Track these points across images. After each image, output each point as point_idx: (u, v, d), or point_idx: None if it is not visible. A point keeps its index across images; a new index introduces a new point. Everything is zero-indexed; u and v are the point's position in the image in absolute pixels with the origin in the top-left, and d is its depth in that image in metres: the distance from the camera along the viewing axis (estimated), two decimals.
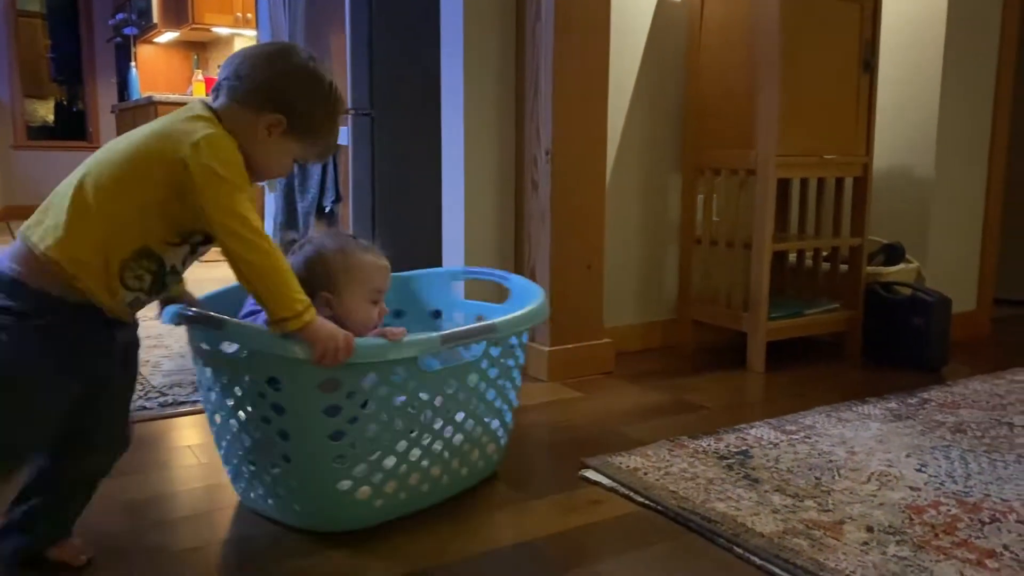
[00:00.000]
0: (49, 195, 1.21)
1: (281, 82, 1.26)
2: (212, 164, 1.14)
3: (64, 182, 1.20)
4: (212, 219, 1.14)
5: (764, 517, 1.40)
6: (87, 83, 8.08)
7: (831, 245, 2.59)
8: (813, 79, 2.38)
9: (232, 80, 1.26)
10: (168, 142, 1.18)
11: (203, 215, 1.15)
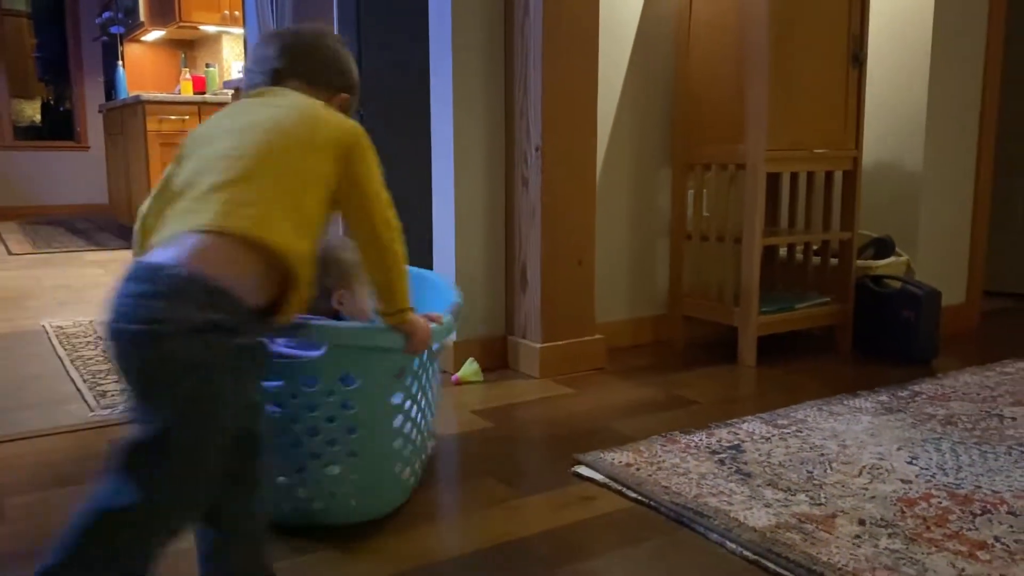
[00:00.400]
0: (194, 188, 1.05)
1: (343, 62, 1.33)
2: (372, 151, 1.19)
3: (209, 180, 1.05)
4: (372, 207, 1.16)
5: (756, 511, 1.40)
6: (74, 82, 8.04)
7: (821, 239, 2.59)
8: (802, 73, 2.38)
9: (298, 64, 1.27)
10: (330, 127, 1.16)
11: (360, 201, 1.15)
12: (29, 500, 1.49)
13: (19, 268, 4.43)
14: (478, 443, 1.82)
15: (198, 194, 1.04)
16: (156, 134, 5.17)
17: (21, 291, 3.68)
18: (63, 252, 5.14)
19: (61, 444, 1.76)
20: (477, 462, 1.71)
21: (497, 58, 2.33)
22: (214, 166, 1.06)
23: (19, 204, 7.54)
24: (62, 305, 3.34)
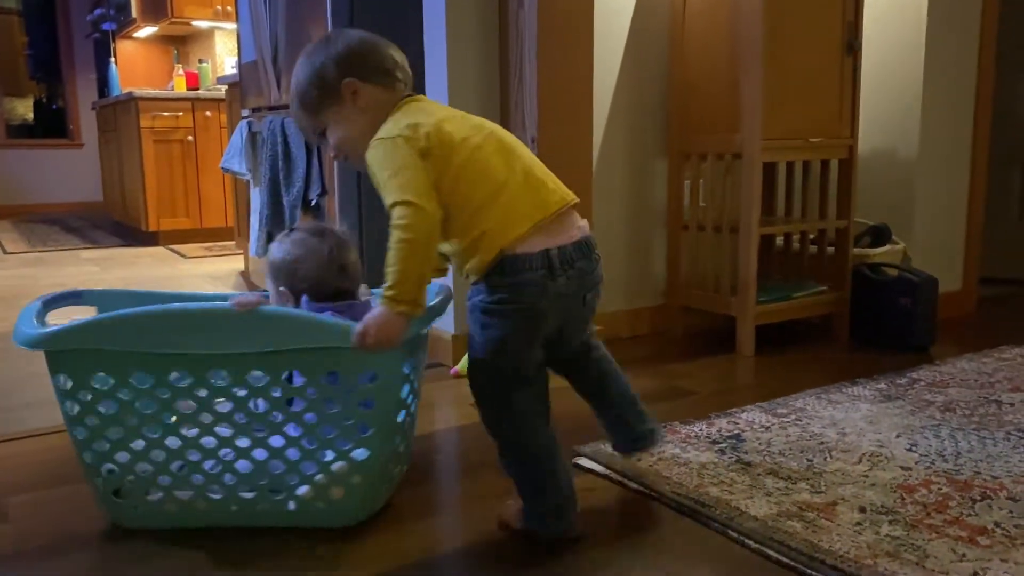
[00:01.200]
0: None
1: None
2: None
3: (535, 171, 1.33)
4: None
5: (757, 500, 1.41)
6: (66, 80, 8.01)
7: (818, 228, 2.59)
8: (797, 62, 2.38)
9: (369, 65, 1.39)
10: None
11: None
12: (31, 499, 1.49)
13: (15, 267, 4.42)
14: (477, 436, 1.82)
15: (536, 182, 1.30)
16: (150, 131, 5.16)
17: (17, 290, 3.67)
18: (59, 250, 5.13)
19: (61, 443, 1.76)
20: (476, 455, 1.71)
21: (492, 49, 2.33)
22: (523, 159, 1.32)
23: (13, 203, 7.52)
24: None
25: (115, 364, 1.28)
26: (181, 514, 1.36)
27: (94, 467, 1.34)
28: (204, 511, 1.35)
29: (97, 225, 6.57)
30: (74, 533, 1.35)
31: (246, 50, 3.37)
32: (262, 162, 3.06)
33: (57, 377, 1.30)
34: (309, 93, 1.36)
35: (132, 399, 1.30)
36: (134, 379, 1.29)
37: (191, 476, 1.34)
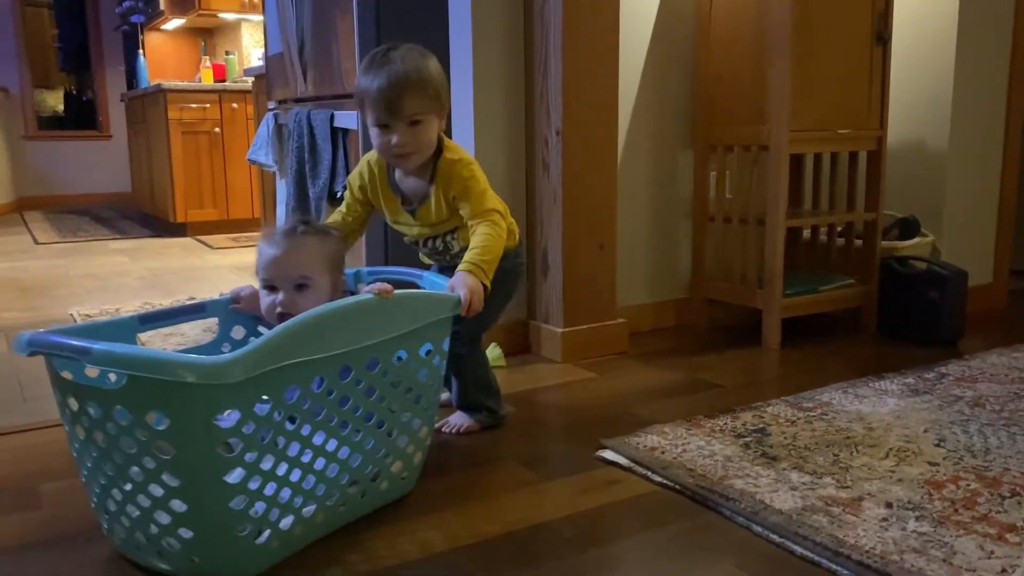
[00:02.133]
0: None
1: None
2: None
3: None
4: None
5: (782, 494, 1.40)
6: (95, 72, 8.09)
7: (845, 220, 2.57)
8: (825, 53, 2.35)
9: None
10: None
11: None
12: (62, 486, 1.51)
13: (46, 257, 4.48)
14: (502, 427, 1.83)
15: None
16: (178, 122, 5.20)
17: (49, 280, 3.72)
18: (88, 241, 5.20)
19: None
20: (501, 446, 1.72)
21: (517, 42, 2.32)
22: None
23: (43, 194, 7.62)
24: (89, 293, 3.38)
25: (280, 381, 1.16)
26: (283, 548, 1.23)
27: (238, 514, 1.14)
28: (301, 534, 1.26)
29: (125, 216, 6.65)
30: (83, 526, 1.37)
31: (272, 42, 3.39)
32: (288, 154, 3.08)
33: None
34: (435, 87, 1.56)
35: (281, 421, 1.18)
36: (285, 395, 1.17)
37: (293, 499, 1.22)
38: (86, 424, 1.16)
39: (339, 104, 2.80)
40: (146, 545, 1.19)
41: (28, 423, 1.84)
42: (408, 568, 1.23)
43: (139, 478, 1.13)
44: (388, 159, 1.62)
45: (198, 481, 1.11)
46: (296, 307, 1.36)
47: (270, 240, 1.41)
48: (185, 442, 1.09)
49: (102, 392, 1.12)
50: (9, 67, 7.48)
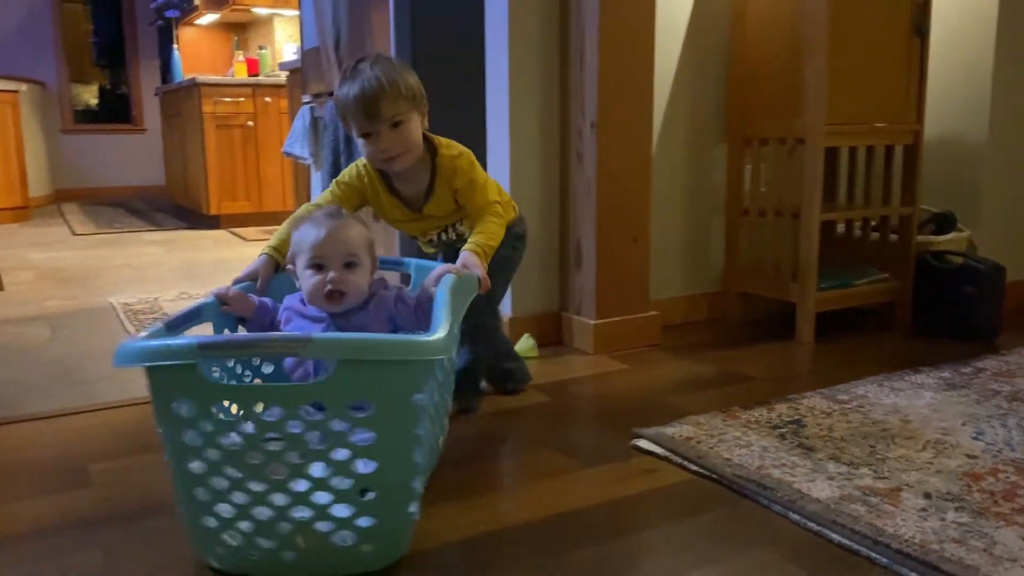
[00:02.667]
0: None
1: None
2: None
3: None
4: None
5: (820, 484, 1.41)
6: (130, 66, 8.20)
7: (880, 214, 2.55)
8: (862, 45, 2.34)
9: None
10: None
11: None
12: (111, 467, 1.55)
13: (84, 248, 4.56)
14: (536, 416, 1.85)
15: None
16: (211, 116, 5.27)
17: (87, 270, 3.79)
18: (124, 232, 5.28)
19: (134, 415, 1.83)
20: (536, 434, 1.74)
21: (552, 33, 2.33)
22: None
23: (79, 186, 7.74)
24: (127, 283, 3.44)
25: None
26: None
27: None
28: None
29: (159, 208, 6.74)
30: (152, 500, 1.41)
31: (308, 37, 3.42)
32: (324, 147, 3.11)
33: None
34: (412, 89, 1.59)
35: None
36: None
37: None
38: (249, 431, 1.07)
39: None
40: (287, 553, 1.13)
41: (76, 406, 1.88)
42: (450, 548, 1.25)
43: (324, 473, 1.09)
44: (380, 165, 1.64)
45: (395, 463, 1.11)
46: (347, 284, 1.37)
47: (315, 221, 1.42)
48: (389, 424, 1.09)
49: (292, 391, 1.10)
50: (47, 62, 7.60)
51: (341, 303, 1.39)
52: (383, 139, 1.56)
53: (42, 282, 3.48)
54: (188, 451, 1.10)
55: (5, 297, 3.14)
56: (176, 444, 1.10)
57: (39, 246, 4.61)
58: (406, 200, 1.71)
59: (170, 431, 1.10)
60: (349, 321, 1.41)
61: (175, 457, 1.11)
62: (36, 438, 1.72)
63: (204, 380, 1.08)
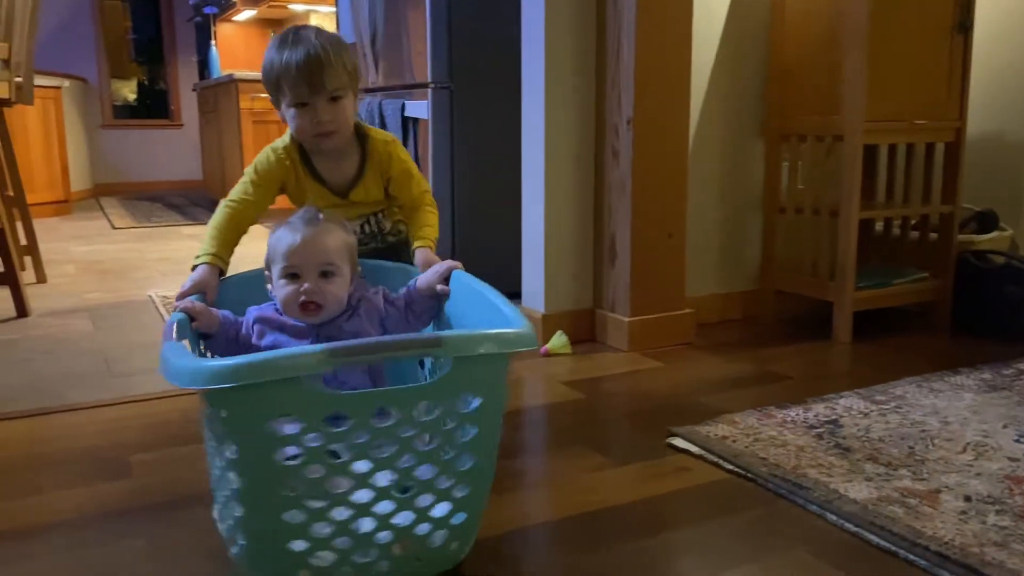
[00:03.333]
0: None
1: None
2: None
3: None
4: None
5: (857, 484, 1.39)
6: (168, 62, 8.30)
7: (920, 213, 2.52)
8: (903, 42, 2.31)
9: None
10: None
11: None
12: (152, 457, 1.58)
13: (123, 241, 4.63)
14: (570, 413, 1.85)
15: None
16: (248, 111, 5.32)
17: (127, 263, 3.85)
18: (162, 226, 5.35)
19: (173, 406, 1.86)
20: (570, 431, 1.74)
21: (589, 29, 2.33)
22: None
23: (118, 180, 7.86)
24: (165, 276, 3.49)
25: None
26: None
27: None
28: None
29: (196, 202, 6.82)
30: (192, 490, 1.43)
31: (344, 33, 3.45)
32: None
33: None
34: (354, 66, 1.52)
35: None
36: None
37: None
38: (361, 440, 1.02)
39: (409, 94, 2.85)
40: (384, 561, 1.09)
41: (117, 397, 1.92)
42: (484, 545, 1.25)
43: (430, 475, 1.07)
44: (309, 140, 1.51)
45: (489, 456, 1.11)
46: (321, 295, 1.29)
47: (291, 227, 1.33)
48: (488, 418, 1.08)
49: (408, 393, 1.05)
50: (88, 59, 7.72)
51: (318, 315, 1.31)
52: (321, 111, 1.45)
53: (83, 275, 3.54)
54: (281, 473, 1.00)
55: (48, 289, 3.20)
56: (263, 467, 0.99)
57: (80, 239, 4.69)
58: (331, 186, 1.57)
59: (255, 453, 0.99)
60: (341, 330, 1.33)
61: (258, 482, 1.01)
62: (79, 428, 1.75)
63: (317, 392, 0.98)
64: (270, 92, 1.50)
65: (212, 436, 1.07)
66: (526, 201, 2.43)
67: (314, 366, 0.95)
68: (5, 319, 2.70)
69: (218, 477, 1.11)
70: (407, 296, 1.43)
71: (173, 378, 1.00)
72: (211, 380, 0.94)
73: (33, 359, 2.24)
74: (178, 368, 1.00)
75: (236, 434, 0.99)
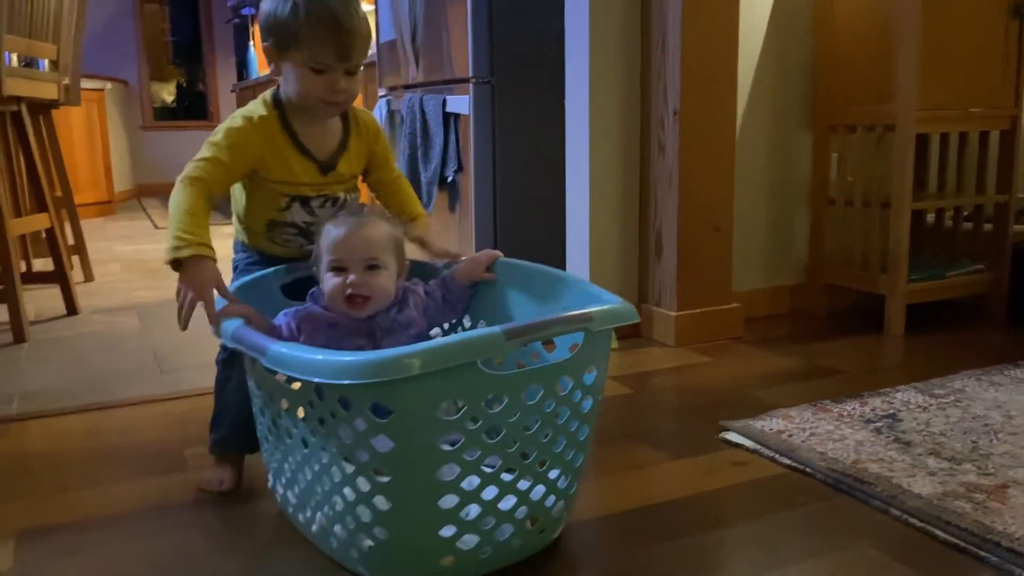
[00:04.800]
0: None
1: (263, 13, 1.33)
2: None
3: None
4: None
5: (920, 479, 1.36)
6: (207, 64, 8.40)
7: (975, 203, 2.46)
8: (956, 28, 2.25)
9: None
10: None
11: None
12: (205, 451, 1.58)
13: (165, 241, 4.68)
14: (620, 408, 1.83)
15: None
16: None
17: None
18: None
19: None
20: (621, 426, 1.72)
21: (634, 21, 2.30)
22: None
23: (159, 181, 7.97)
24: None
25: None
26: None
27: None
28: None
29: None
30: (245, 484, 1.43)
31: (384, 30, 3.45)
32: (401, 139, 3.14)
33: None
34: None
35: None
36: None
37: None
38: (513, 420, 1.04)
39: (450, 89, 2.84)
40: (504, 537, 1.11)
41: (168, 392, 1.94)
42: None
43: (561, 447, 1.11)
44: (315, 104, 1.35)
45: (594, 426, 1.18)
46: (368, 287, 1.27)
47: (337, 221, 1.31)
48: (598, 389, 1.14)
49: (552, 369, 1.07)
50: (129, 62, 7.83)
51: (364, 308, 1.28)
52: (340, 80, 1.32)
53: (129, 273, 3.59)
54: (442, 459, 1.00)
55: (95, 288, 3.25)
56: (424, 456, 0.99)
57: (124, 239, 4.76)
58: (315, 157, 1.40)
59: (418, 443, 0.99)
60: (395, 321, 1.32)
61: (417, 472, 1.00)
62: (133, 423, 1.77)
63: (486, 375, 0.99)
64: (275, 40, 1.33)
65: (315, 434, 1.07)
66: (570, 195, 2.41)
67: (495, 348, 0.97)
68: (57, 316, 2.74)
69: (314, 479, 1.11)
70: (442, 286, 1.43)
71: (323, 373, 0.97)
72: (383, 372, 0.92)
73: (86, 356, 2.28)
74: (327, 363, 0.97)
75: (398, 426, 0.97)
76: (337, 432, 1.03)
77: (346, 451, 1.03)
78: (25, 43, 2.66)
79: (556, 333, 1.07)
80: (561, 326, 1.06)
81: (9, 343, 2.41)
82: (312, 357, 1.00)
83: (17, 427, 1.76)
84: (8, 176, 2.97)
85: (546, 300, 1.34)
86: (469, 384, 0.98)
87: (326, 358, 0.98)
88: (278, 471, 1.23)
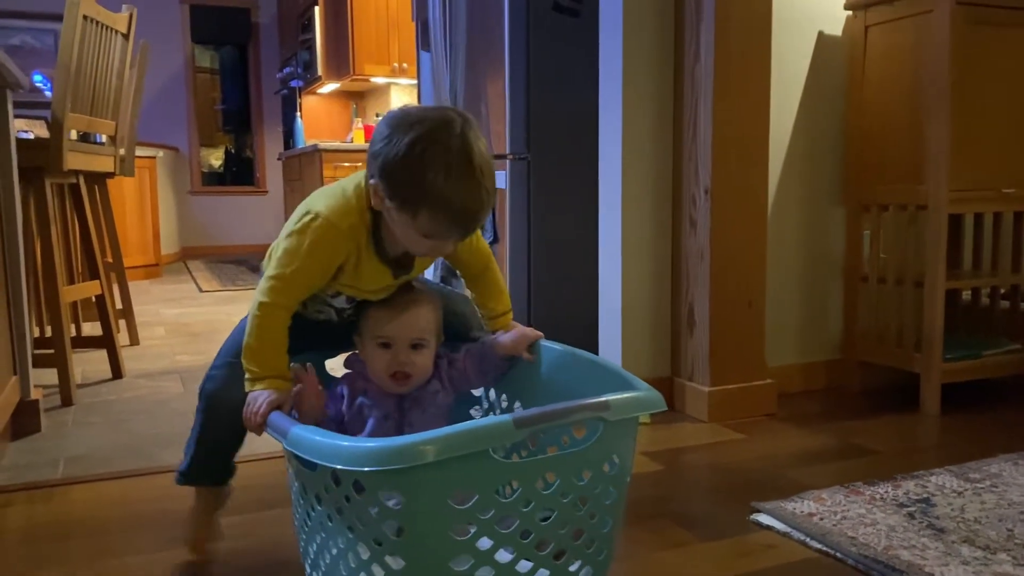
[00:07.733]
0: None
1: (377, 142, 1.18)
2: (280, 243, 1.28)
3: None
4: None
5: (954, 568, 1.34)
6: (255, 132, 8.68)
7: (1011, 282, 2.45)
8: (988, 107, 2.28)
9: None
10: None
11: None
12: (242, 520, 1.62)
13: (209, 304, 4.80)
14: (651, 485, 1.83)
15: None
16: (332, 180, 5.49)
17: (214, 325, 3.99)
18: (247, 289, 5.53)
19: (259, 470, 1.90)
20: (651, 504, 1.72)
21: (666, 101, 2.37)
22: None
23: (204, 244, 8.18)
24: None
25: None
26: None
27: None
28: None
29: None
30: (281, 555, 1.46)
31: (426, 103, 3.57)
32: None
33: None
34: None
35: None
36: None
37: None
38: (526, 508, 1.03)
39: None
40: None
41: None
42: None
43: (581, 539, 1.10)
44: (404, 254, 1.31)
45: (619, 518, 1.16)
46: (413, 366, 1.33)
47: (388, 301, 1.35)
48: (622, 479, 1.13)
49: (573, 457, 1.07)
50: (180, 128, 8.12)
51: (408, 384, 1.34)
52: (444, 248, 1.31)
53: (173, 337, 3.68)
54: (453, 549, 0.99)
55: (140, 352, 3.34)
56: (435, 543, 0.98)
57: (169, 302, 4.88)
58: (392, 262, 1.32)
59: (430, 531, 0.97)
60: (424, 390, 1.37)
61: (429, 557, 0.99)
62: (173, 490, 1.80)
63: (498, 463, 0.99)
64: (391, 188, 1.17)
65: (334, 515, 1.07)
66: (603, 269, 2.45)
67: (505, 437, 0.96)
68: (103, 380, 2.82)
69: (332, 563, 1.10)
70: (480, 353, 1.43)
71: (340, 459, 0.97)
72: (394, 459, 0.92)
73: (128, 420, 2.34)
74: (345, 449, 0.97)
75: (410, 513, 0.97)
76: (352, 517, 1.04)
77: (361, 536, 1.04)
78: (87, 120, 2.79)
79: (569, 422, 1.05)
80: (575, 414, 1.04)
81: (57, 406, 2.48)
82: (329, 442, 1.01)
83: (61, 491, 1.81)
84: (64, 243, 3.09)
85: (584, 384, 1.32)
86: (482, 472, 0.97)
87: (342, 443, 0.99)
88: (304, 550, 1.24)
